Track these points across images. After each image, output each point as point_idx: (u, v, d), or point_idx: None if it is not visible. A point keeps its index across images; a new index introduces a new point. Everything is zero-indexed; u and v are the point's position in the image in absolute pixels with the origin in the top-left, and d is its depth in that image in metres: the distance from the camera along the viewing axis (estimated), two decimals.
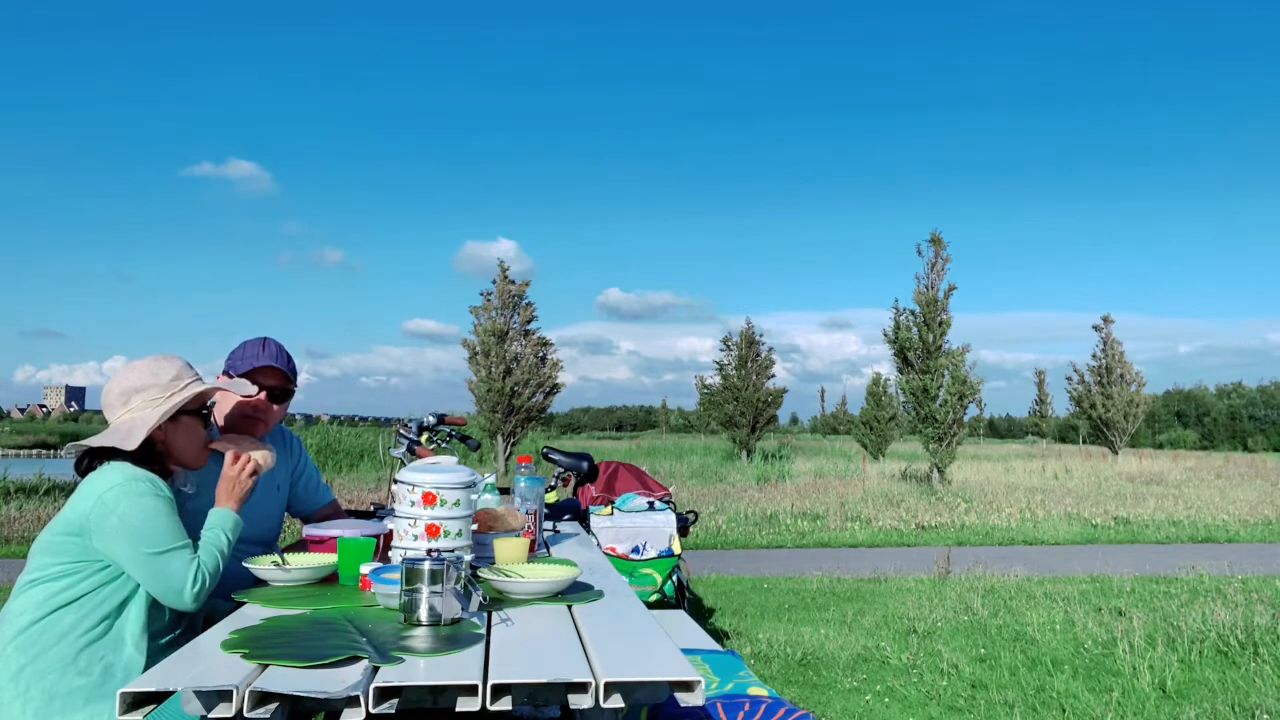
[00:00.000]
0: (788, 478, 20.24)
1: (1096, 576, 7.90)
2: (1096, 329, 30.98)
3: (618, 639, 1.58)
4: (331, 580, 2.00)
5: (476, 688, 1.32)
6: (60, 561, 1.93)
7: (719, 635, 5.43)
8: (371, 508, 3.10)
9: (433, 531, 1.98)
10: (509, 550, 2.08)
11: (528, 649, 1.51)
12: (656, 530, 4.08)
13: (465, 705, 1.33)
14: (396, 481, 2.04)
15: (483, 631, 1.59)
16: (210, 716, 1.27)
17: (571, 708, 1.35)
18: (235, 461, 2.14)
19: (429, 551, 1.86)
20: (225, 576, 2.03)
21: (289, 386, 2.45)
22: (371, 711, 1.28)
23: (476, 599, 1.67)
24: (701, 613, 6.11)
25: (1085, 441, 43.93)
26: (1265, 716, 3.85)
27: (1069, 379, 31.41)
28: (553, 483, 4.38)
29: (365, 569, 1.90)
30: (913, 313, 18.75)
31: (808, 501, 14.18)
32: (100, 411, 2.13)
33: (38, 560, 1.95)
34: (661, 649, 1.51)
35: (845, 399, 70.80)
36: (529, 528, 2.40)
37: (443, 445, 3.61)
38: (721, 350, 28.91)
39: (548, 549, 2.60)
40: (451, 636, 1.55)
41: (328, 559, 2.05)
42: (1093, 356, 30.82)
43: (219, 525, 2.06)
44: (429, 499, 1.99)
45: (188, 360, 2.16)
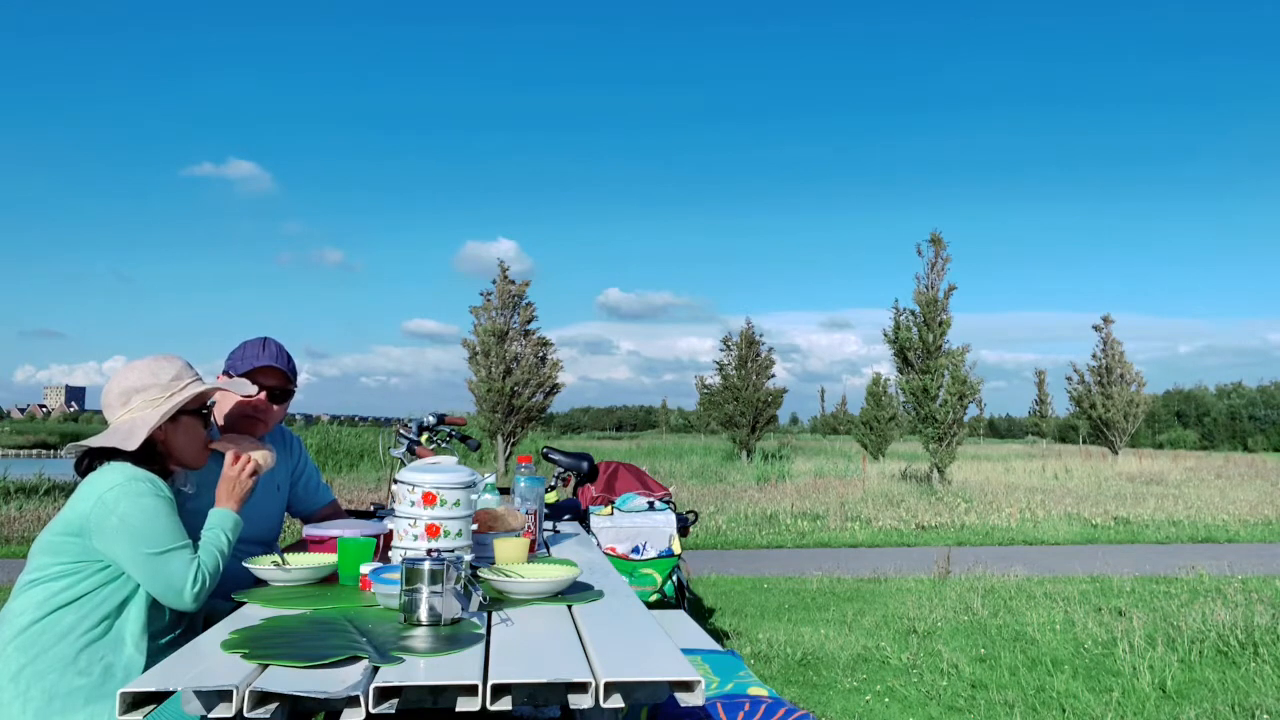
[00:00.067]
0: (788, 478, 20.24)
1: (1096, 576, 7.90)
2: (1096, 329, 30.99)
3: (618, 639, 1.58)
4: (331, 580, 2.00)
5: (476, 688, 1.32)
6: (60, 562, 1.93)
7: (719, 635, 5.43)
8: (371, 508, 3.10)
9: (433, 531, 1.98)
10: (509, 550, 2.08)
11: (528, 649, 1.51)
12: (656, 530, 4.08)
13: (465, 705, 1.33)
14: (396, 481, 2.04)
15: (483, 631, 1.59)
16: (210, 716, 1.27)
17: (571, 708, 1.35)
18: (235, 462, 2.14)
19: (429, 551, 1.86)
20: (225, 576, 2.03)
21: (289, 386, 2.45)
22: (371, 711, 1.28)
23: (476, 599, 1.67)
24: (701, 613, 6.11)
25: (1085, 441, 43.93)
26: (1265, 716, 3.85)
27: (1069, 379, 31.46)
28: (553, 483, 4.38)
29: (365, 569, 1.90)
30: (913, 313, 18.77)
31: (808, 501, 14.18)
32: (100, 411, 2.13)
33: (38, 560, 1.95)
34: (661, 649, 1.51)
35: (845, 399, 70.89)
36: (529, 528, 2.40)
37: (443, 445, 3.61)
38: (721, 350, 28.95)
39: (548, 549, 2.60)
40: (451, 636, 1.55)
41: (328, 559, 2.05)
42: (1093, 356, 30.85)
43: (219, 525, 2.06)
44: (429, 499, 1.99)
45: (188, 360, 2.17)
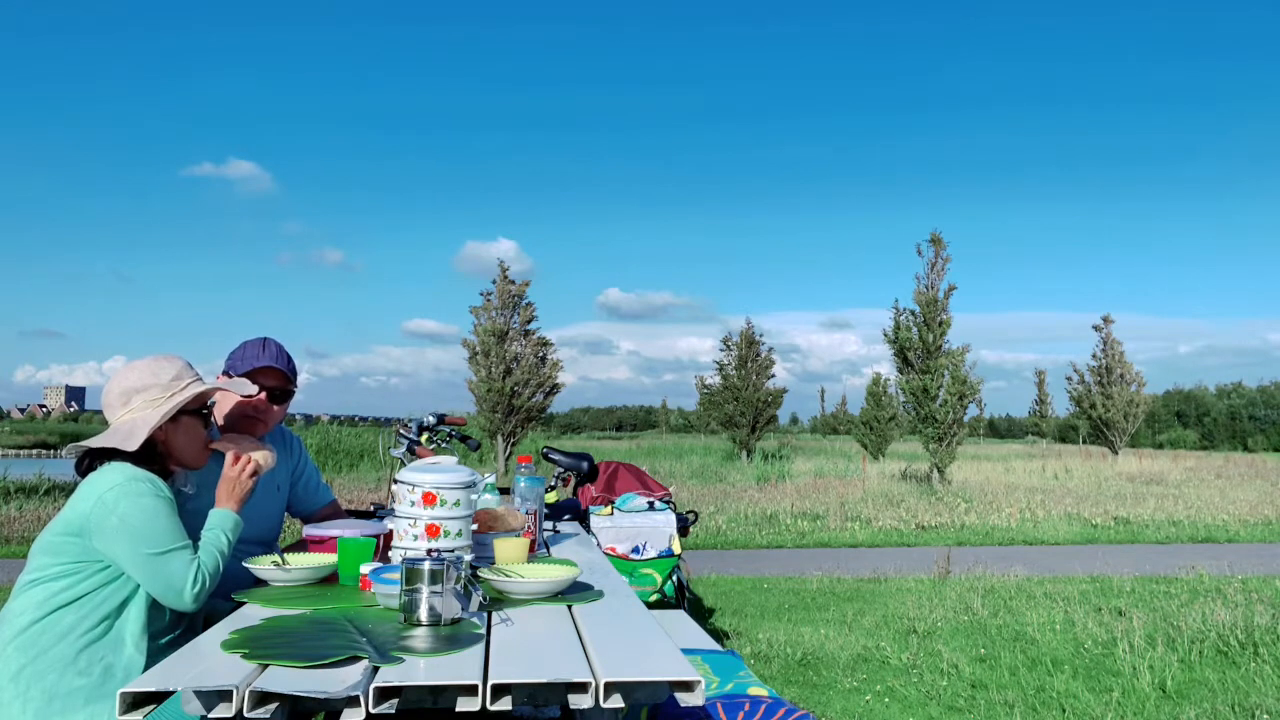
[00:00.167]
0: (788, 478, 20.24)
1: (1096, 576, 7.90)
2: (1096, 329, 30.99)
3: (618, 639, 1.58)
4: (331, 580, 2.00)
5: (476, 688, 1.32)
6: (60, 562, 1.93)
7: (719, 635, 5.43)
8: (371, 508, 3.10)
9: (433, 531, 1.98)
10: (509, 550, 2.08)
11: (528, 649, 1.51)
12: (656, 530, 4.08)
13: (465, 705, 1.33)
14: (396, 481, 2.04)
15: (483, 631, 1.59)
16: (210, 716, 1.27)
17: (571, 708, 1.35)
18: (236, 462, 2.14)
19: (429, 551, 1.86)
20: (225, 576, 2.03)
21: (289, 387, 2.46)
22: (371, 711, 1.28)
23: (476, 599, 1.67)
24: (701, 613, 6.11)
25: (1085, 441, 43.93)
26: (1265, 716, 3.85)
27: (1069, 379, 31.47)
28: (553, 483, 4.38)
29: (365, 569, 1.90)
30: (913, 313, 18.77)
31: (808, 501, 14.18)
32: (100, 411, 2.13)
33: (38, 560, 1.95)
34: (661, 649, 1.51)
35: (845, 399, 70.91)
36: (529, 528, 2.40)
37: (443, 445, 3.61)
38: (721, 350, 28.96)
39: (548, 549, 2.60)
40: (451, 636, 1.55)
41: (328, 559, 2.05)
42: (1093, 356, 30.85)
43: (219, 526, 2.06)
44: (429, 499, 1.99)
45: (188, 360, 2.17)
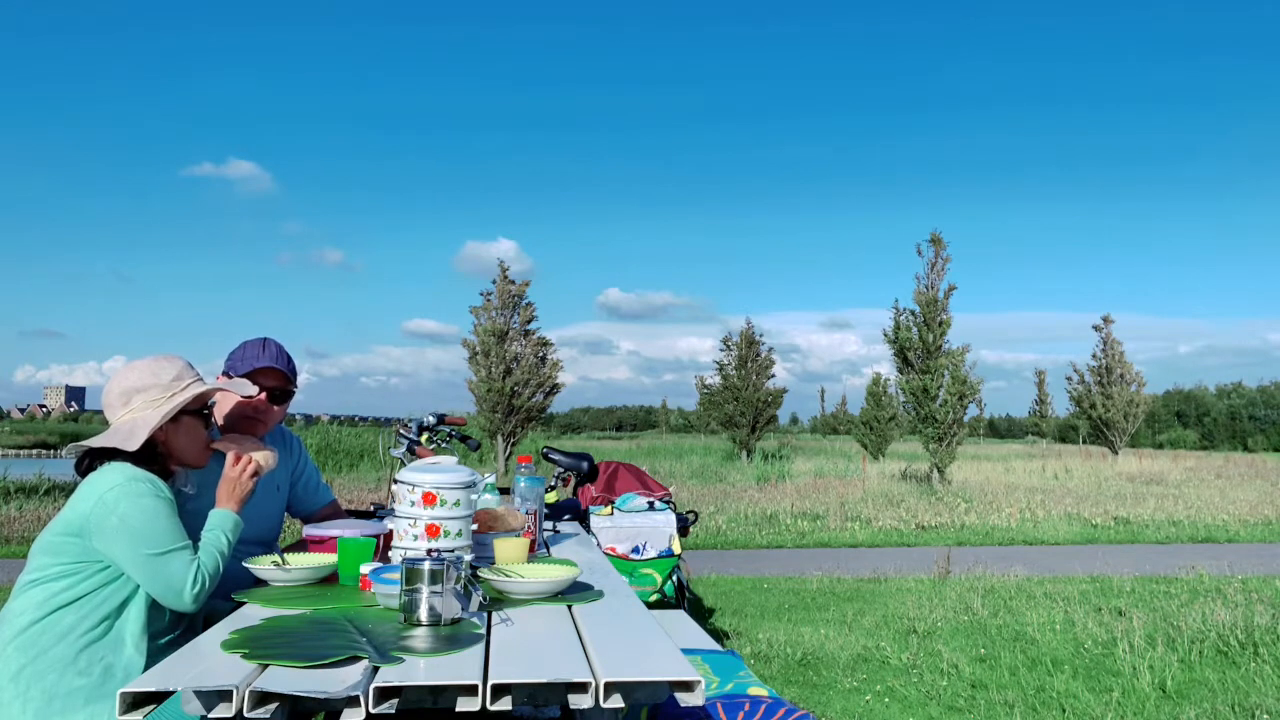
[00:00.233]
0: (788, 478, 20.24)
1: (1096, 576, 7.90)
2: (1096, 329, 30.99)
3: (618, 639, 1.58)
4: (331, 580, 2.00)
5: (476, 688, 1.32)
6: (60, 562, 1.93)
7: (719, 635, 5.43)
8: (371, 508, 3.10)
9: (433, 531, 1.98)
10: (509, 550, 2.08)
11: (528, 649, 1.51)
12: (656, 530, 4.08)
13: (465, 705, 1.33)
14: (396, 481, 2.04)
15: (483, 631, 1.59)
16: (210, 716, 1.27)
17: (571, 708, 1.35)
18: (237, 463, 2.14)
19: (429, 551, 1.86)
20: (225, 576, 2.03)
21: (289, 387, 2.45)
22: (371, 711, 1.28)
23: (476, 599, 1.67)
24: (701, 613, 6.11)
25: (1085, 441, 43.92)
26: (1265, 716, 3.85)
27: (1069, 379, 31.46)
28: (553, 483, 4.38)
29: (365, 569, 1.90)
30: (913, 313, 18.77)
31: (808, 501, 14.18)
32: (100, 411, 2.13)
33: (38, 560, 1.95)
34: (661, 649, 1.51)
35: (845, 399, 70.90)
36: (529, 528, 2.40)
37: (443, 445, 3.61)
38: (721, 350, 28.96)
39: (548, 549, 2.60)
40: (451, 636, 1.55)
41: (328, 559, 2.05)
42: (1093, 356, 30.85)
43: (219, 526, 2.06)
44: (429, 499, 1.99)
45: (188, 360, 2.17)
